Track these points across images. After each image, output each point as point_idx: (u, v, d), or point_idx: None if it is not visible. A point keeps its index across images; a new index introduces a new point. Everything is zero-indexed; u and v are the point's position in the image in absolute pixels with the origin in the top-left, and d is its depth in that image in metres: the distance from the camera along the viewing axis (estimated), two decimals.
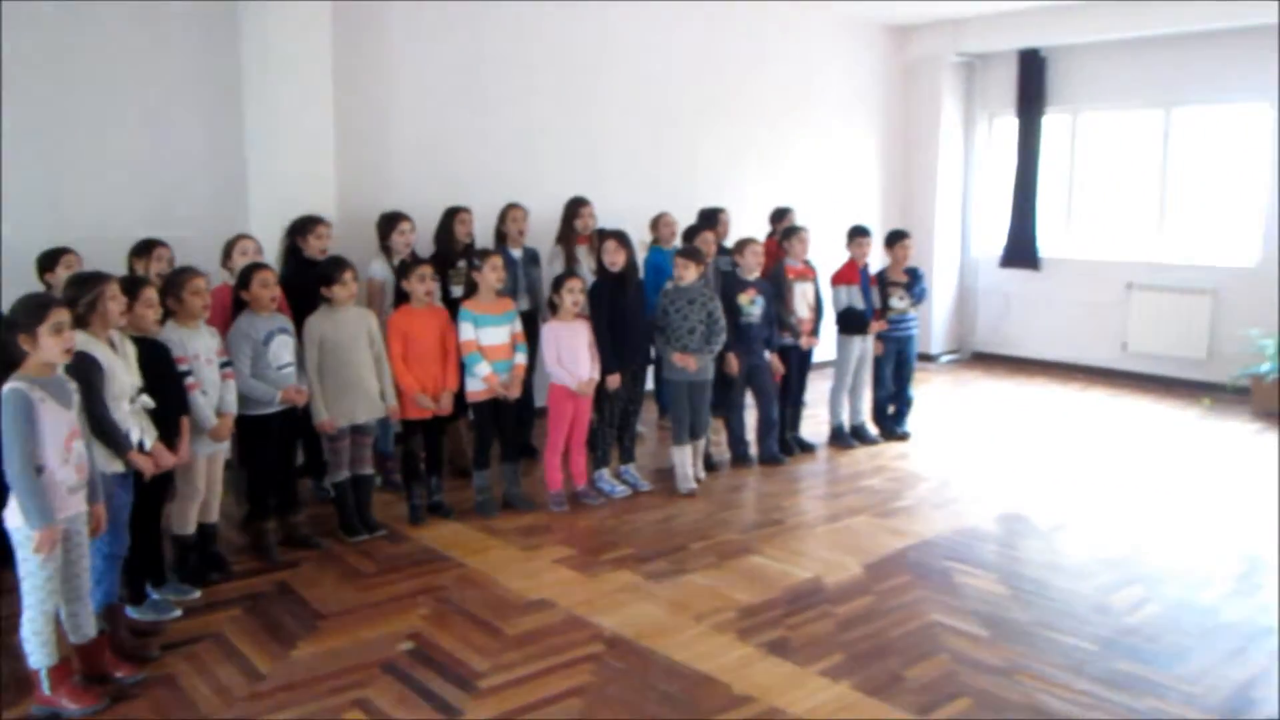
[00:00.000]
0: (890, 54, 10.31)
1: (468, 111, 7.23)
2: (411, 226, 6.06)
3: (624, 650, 4.02)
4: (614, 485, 6.03)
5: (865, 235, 6.98)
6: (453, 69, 7.14)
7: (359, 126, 6.67)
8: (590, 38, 7.85)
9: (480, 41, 7.25)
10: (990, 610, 4.39)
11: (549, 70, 7.63)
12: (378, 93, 6.81)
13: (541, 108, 7.61)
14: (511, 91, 7.43)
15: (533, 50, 7.53)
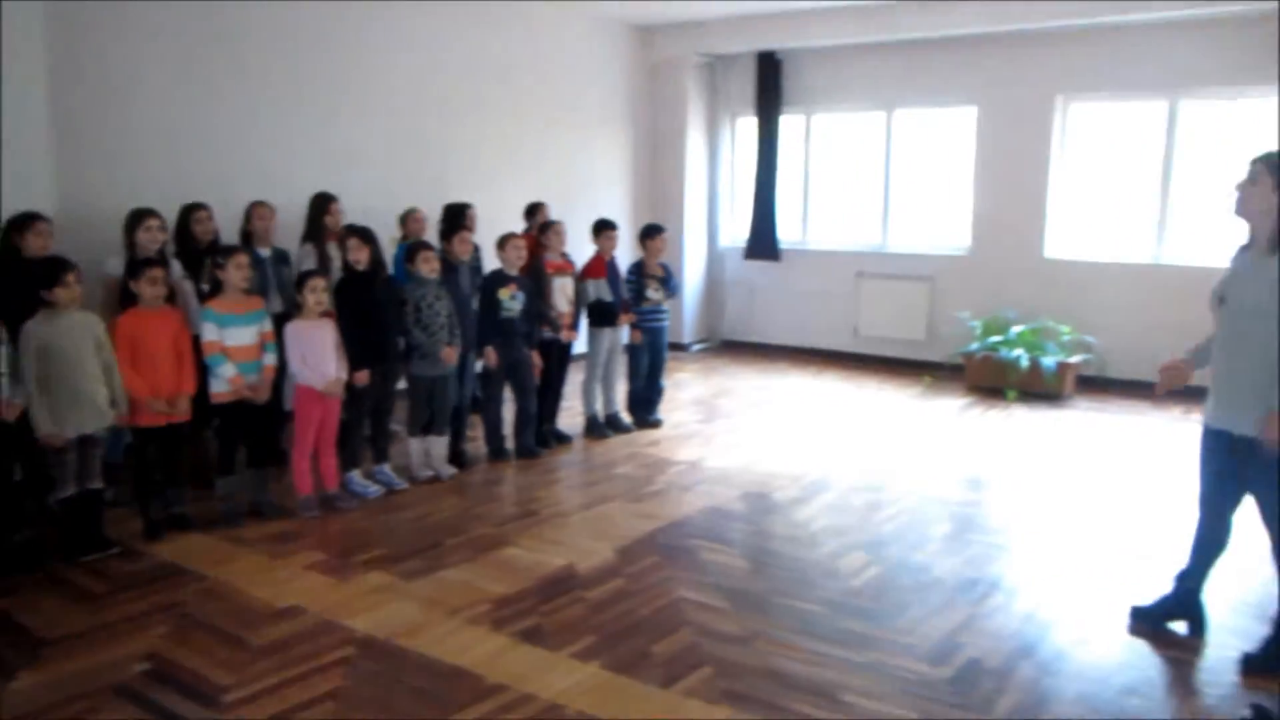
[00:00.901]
0: (637, 53, 10.62)
1: (210, 107, 6.87)
2: (160, 224, 5.73)
3: (377, 651, 3.99)
4: (367, 486, 5.94)
5: (611, 229, 7.19)
6: (195, 63, 6.77)
7: (85, 122, 6.23)
8: (338, 31, 7.64)
9: (224, 35, 6.91)
10: (732, 583, 4.65)
11: (297, 64, 7.39)
12: (108, 88, 6.35)
13: (289, 103, 7.35)
14: (257, 86, 7.14)
15: (279, 44, 7.26)
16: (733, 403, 8.41)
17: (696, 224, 10.97)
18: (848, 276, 10.09)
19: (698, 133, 10.88)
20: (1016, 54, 9.00)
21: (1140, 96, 8.66)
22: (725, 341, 11.15)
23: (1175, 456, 6.66)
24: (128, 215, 5.73)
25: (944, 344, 9.39)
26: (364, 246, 5.81)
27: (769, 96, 10.39)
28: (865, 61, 9.85)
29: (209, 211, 6.13)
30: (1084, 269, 8.88)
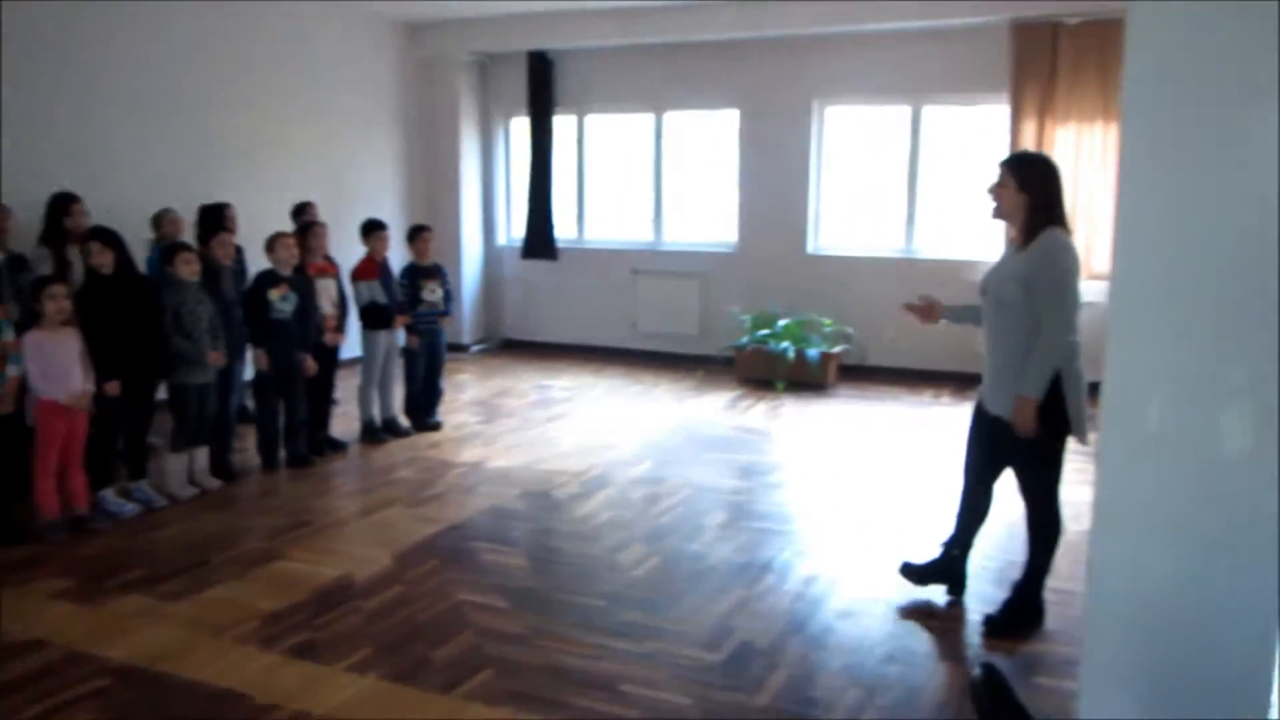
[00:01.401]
0: (406, 51, 10.39)
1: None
2: None
3: (135, 679, 3.74)
4: (122, 505, 5.56)
5: (382, 229, 7.03)
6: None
7: None
8: (85, 21, 7.08)
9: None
10: (513, 583, 4.65)
11: (37, 56, 6.78)
12: None
13: (28, 97, 6.73)
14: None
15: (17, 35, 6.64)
16: (514, 402, 8.40)
17: (472, 223, 10.87)
18: (624, 274, 10.27)
19: (471, 132, 10.78)
20: (775, 59, 9.41)
21: (887, 101, 9.24)
22: (505, 341, 11.11)
23: (930, 438, 7.16)
24: None
25: (716, 338, 9.72)
26: (106, 250, 5.44)
27: (541, 96, 10.41)
28: (634, 63, 10.04)
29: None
30: (843, 263, 9.40)
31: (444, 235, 10.19)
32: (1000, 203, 3.97)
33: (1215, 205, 2.30)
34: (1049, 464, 4.01)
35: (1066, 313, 3.79)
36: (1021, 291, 3.85)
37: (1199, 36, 2.27)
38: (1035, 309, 3.81)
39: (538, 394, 8.73)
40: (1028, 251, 3.88)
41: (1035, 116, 8.33)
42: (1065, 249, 3.83)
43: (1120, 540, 2.51)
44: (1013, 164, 3.96)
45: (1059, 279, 3.79)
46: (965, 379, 8.78)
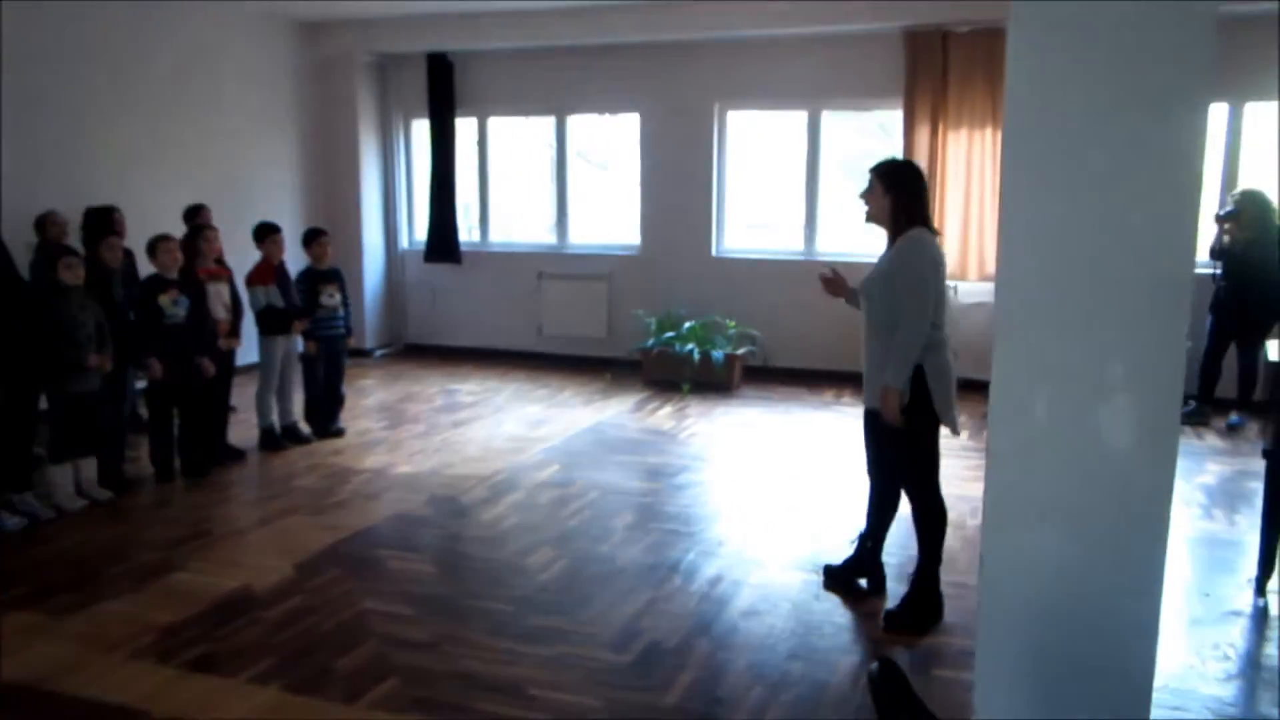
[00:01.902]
0: (301, 51, 10.18)
1: None
2: None
3: (23, 699, 3.61)
4: (6, 518, 5.33)
5: (276, 232, 6.89)
6: None
7: None
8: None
9: None
10: (420, 590, 4.60)
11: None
12: None
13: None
14: None
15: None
16: (418, 407, 8.31)
17: (374, 227, 10.70)
18: (529, 277, 10.23)
19: (370, 134, 10.62)
20: (676, 63, 9.49)
21: (787, 106, 9.42)
22: (409, 345, 10.97)
23: (832, 437, 7.31)
24: None
25: (623, 341, 9.75)
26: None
27: (442, 98, 10.31)
28: (536, 66, 10.01)
29: None
30: (746, 265, 9.53)
31: (345, 238, 10.04)
32: (870, 207, 4.21)
33: (1094, 206, 2.41)
34: (921, 454, 4.20)
35: (923, 306, 3.98)
36: (886, 288, 4.08)
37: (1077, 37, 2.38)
38: (896, 305, 4.03)
39: (443, 399, 8.64)
40: (892, 251, 4.13)
41: (929, 122, 8.57)
42: (922, 246, 4.05)
43: (1010, 533, 2.61)
44: (879, 170, 4.18)
45: (915, 274, 4.00)
46: None
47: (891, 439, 4.18)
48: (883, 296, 4.10)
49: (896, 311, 4.02)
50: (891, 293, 4.05)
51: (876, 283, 4.15)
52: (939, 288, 4.08)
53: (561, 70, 9.91)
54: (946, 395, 4.07)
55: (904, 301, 4.00)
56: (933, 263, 4.05)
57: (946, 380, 4.08)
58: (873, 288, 4.17)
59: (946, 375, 4.08)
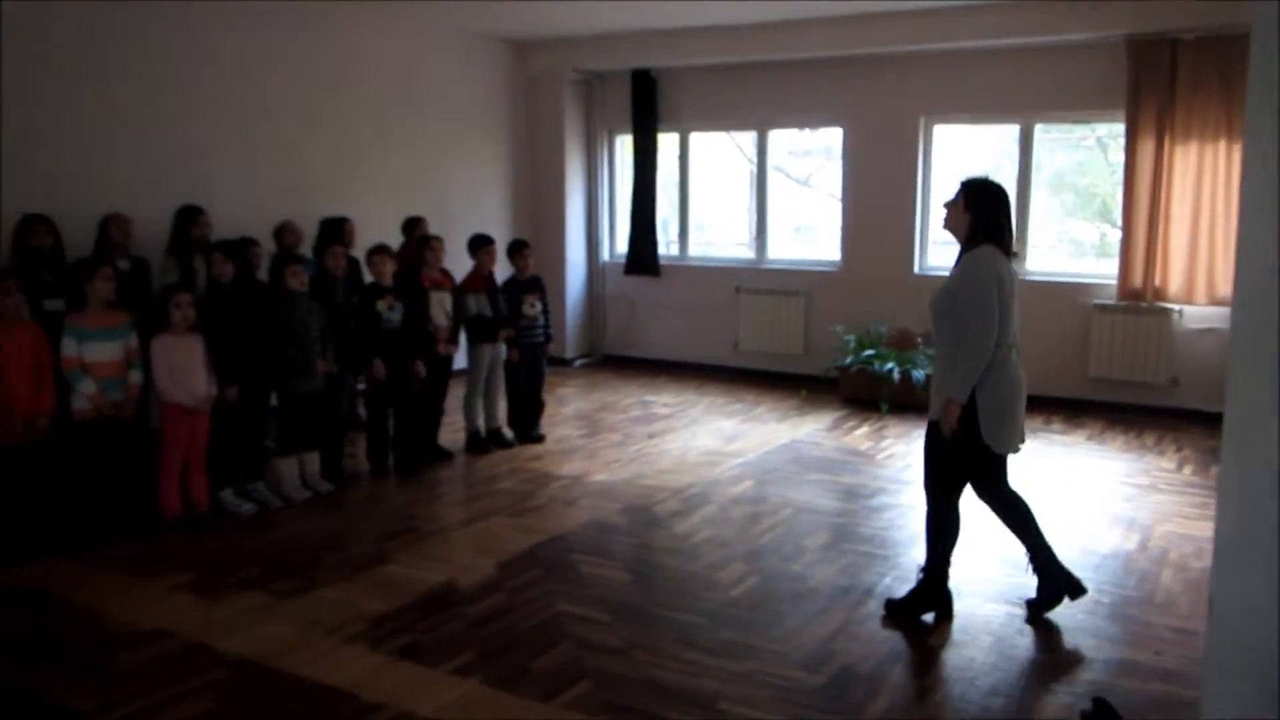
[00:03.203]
0: (513, 69, 10.61)
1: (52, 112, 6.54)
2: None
3: (250, 673, 3.89)
4: (240, 504, 5.79)
5: (489, 244, 7.19)
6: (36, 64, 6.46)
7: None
8: (203, 40, 7.41)
9: (63, 42, 6.58)
10: (613, 596, 4.68)
11: (149, 70, 7.11)
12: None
13: (145, 111, 7.07)
14: (105, 92, 6.82)
15: (132, 53, 6.98)
16: (615, 417, 8.47)
17: (576, 239, 11.01)
18: (726, 291, 10.26)
19: (576, 148, 10.94)
20: (880, 76, 9.32)
21: (997, 119, 9.08)
22: (607, 356, 11.20)
23: (1038, 465, 6.97)
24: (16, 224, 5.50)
25: (819, 357, 9.63)
26: (228, 261, 5.72)
27: (645, 114, 10.51)
28: (737, 81, 10.05)
29: (49, 224, 5.84)
30: None
31: (549, 250, 10.37)
32: (949, 217, 4.32)
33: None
34: (952, 465, 4.30)
35: (986, 321, 4.06)
36: (950, 303, 4.18)
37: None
38: (960, 320, 4.11)
39: (639, 410, 8.78)
40: (958, 266, 4.24)
41: (1153, 134, 8.05)
42: (986, 262, 4.12)
43: (1243, 576, 2.41)
44: (967, 185, 4.26)
45: (977, 290, 4.08)
46: (1079, 405, 8.55)
47: (935, 445, 4.30)
48: (947, 312, 4.18)
49: (960, 326, 4.11)
50: (955, 308, 4.14)
51: (942, 298, 4.23)
52: (1005, 304, 4.13)
53: (763, 85, 9.91)
54: (999, 414, 4.16)
55: (966, 316, 4.08)
56: (996, 278, 4.09)
57: (1000, 398, 4.16)
58: (938, 303, 4.25)
59: (1000, 393, 4.16)
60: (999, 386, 4.15)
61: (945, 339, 4.21)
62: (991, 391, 4.13)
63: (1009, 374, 4.18)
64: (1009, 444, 4.24)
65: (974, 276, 4.11)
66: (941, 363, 4.26)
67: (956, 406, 4.11)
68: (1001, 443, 4.20)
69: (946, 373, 4.19)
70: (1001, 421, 4.17)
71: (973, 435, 4.16)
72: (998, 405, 4.15)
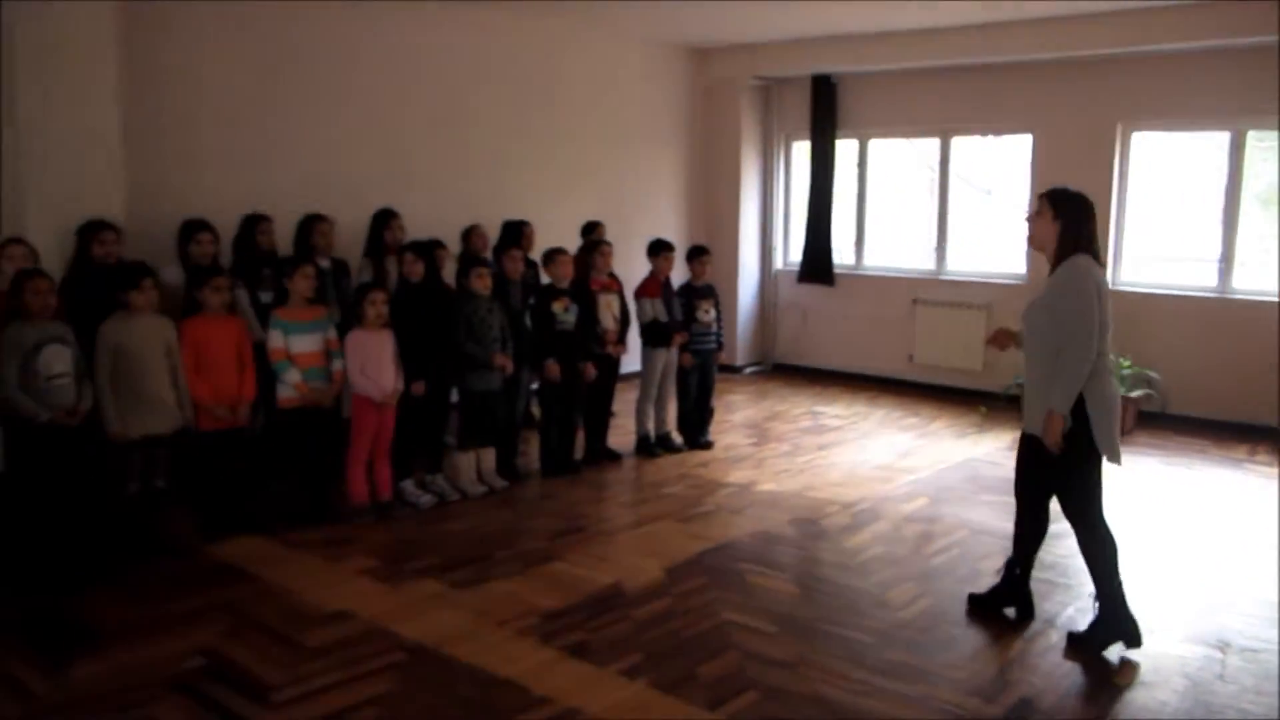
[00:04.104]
0: (691, 75, 10.67)
1: (271, 119, 7.05)
2: (211, 237, 5.90)
3: (425, 658, 4.03)
4: (420, 496, 6.01)
5: (668, 250, 7.23)
6: (257, 75, 6.96)
7: (155, 130, 6.40)
8: (396, 48, 7.79)
9: (285, 49, 7.09)
10: (780, 608, 4.63)
11: (353, 80, 7.53)
12: (178, 96, 6.56)
13: (346, 118, 7.49)
14: (316, 100, 7.30)
15: (337, 59, 7.41)
16: (785, 427, 8.38)
17: (750, 246, 10.96)
18: (903, 302, 10.01)
19: (752, 154, 10.89)
20: (1075, 81, 8.89)
21: (1202, 127, 8.52)
22: (777, 365, 11.11)
23: (1239, 500, 6.51)
24: (180, 226, 5.89)
25: (1001, 374, 9.25)
26: (419, 260, 5.95)
27: (824, 120, 10.36)
28: (921, 86, 9.79)
29: (270, 223, 6.27)
30: (1146, 300, 8.71)
31: (722, 257, 10.35)
32: (1034, 231, 4.28)
33: None
34: (1080, 482, 4.21)
35: (1088, 330, 4.01)
36: (1048, 315, 4.13)
37: None
38: (1059, 331, 4.06)
39: (810, 420, 8.66)
40: (1054, 277, 4.18)
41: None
42: (1085, 271, 4.07)
43: None
44: (1051, 196, 4.24)
45: (1079, 300, 4.03)
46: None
47: (1052, 466, 4.19)
48: (1046, 324, 4.14)
49: (1059, 338, 4.06)
50: (1054, 319, 4.09)
51: (1038, 310, 4.20)
52: (1104, 314, 4.08)
53: (947, 90, 9.63)
54: (1108, 424, 4.10)
55: (1068, 326, 4.03)
56: (1096, 288, 4.06)
57: (1109, 408, 4.11)
58: (1035, 316, 4.22)
59: (1109, 403, 4.11)
60: (1106, 395, 4.12)
61: (1043, 352, 4.17)
62: (1100, 401, 4.09)
63: (1112, 383, 4.18)
64: (1118, 451, 4.18)
65: (1077, 288, 4.06)
66: (1037, 376, 4.22)
67: (1060, 419, 4.05)
68: (1114, 451, 4.15)
69: (1044, 386, 4.13)
70: (1112, 429, 4.12)
71: (1084, 446, 4.11)
72: (1107, 413, 4.11)
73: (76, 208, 5.62)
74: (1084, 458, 4.15)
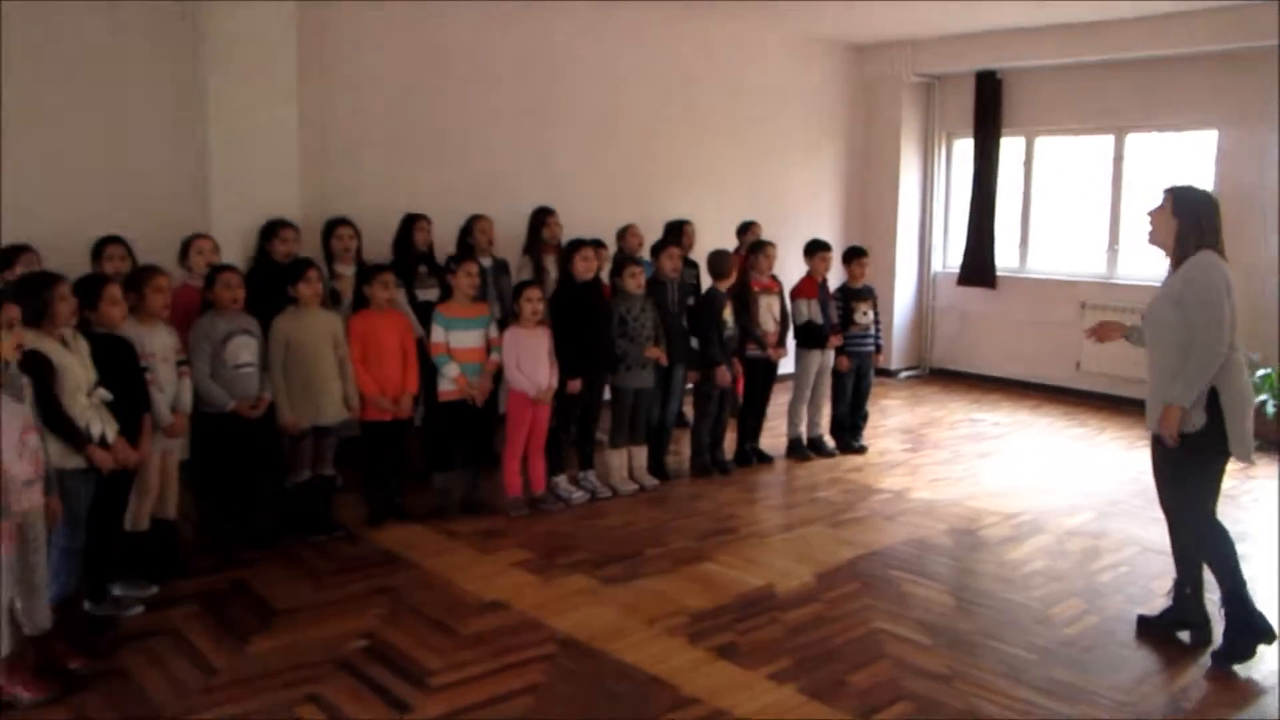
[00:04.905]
0: (850, 72, 10.48)
1: (430, 119, 7.31)
2: (352, 233, 6.11)
3: (576, 652, 4.09)
4: (571, 491, 6.10)
5: (826, 250, 7.12)
6: (415, 76, 7.22)
7: (322, 131, 6.70)
8: (552, 48, 7.94)
9: (443, 49, 7.33)
10: (934, 619, 4.50)
11: (511, 80, 7.72)
12: (340, 98, 6.86)
13: (503, 117, 7.68)
14: (474, 100, 7.52)
15: (496, 60, 7.62)
16: (941, 433, 8.15)
17: (908, 247, 10.70)
18: (1070, 307, 9.56)
19: (911, 154, 10.62)
20: (1270, 73, 8.31)
21: None
22: (934, 370, 10.81)
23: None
24: (324, 225, 6.12)
25: None
26: (594, 259, 6.02)
27: (988, 117, 10.01)
28: (1093, 81, 9.33)
29: (429, 222, 6.46)
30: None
31: (878, 258, 10.10)
32: (1155, 227, 4.21)
33: None
34: (1201, 480, 4.12)
35: (1219, 323, 3.93)
36: (1174, 310, 4.04)
37: None
38: (1187, 326, 3.97)
39: (968, 427, 8.39)
40: (1179, 272, 4.08)
41: None
42: (1213, 267, 4.00)
43: None
44: (1174, 191, 4.17)
45: (1208, 293, 3.95)
46: None
47: (1172, 462, 4.13)
48: (1172, 318, 4.05)
49: (1186, 333, 3.98)
50: (1180, 314, 4.01)
51: (1162, 306, 4.11)
52: (1233, 309, 3.99)
53: (1121, 85, 9.15)
54: (1242, 422, 4.00)
55: (1198, 319, 3.95)
56: (1225, 282, 3.99)
57: (1244, 405, 4.01)
58: (1159, 313, 4.13)
59: (1243, 399, 4.02)
60: (1239, 391, 4.03)
61: (1168, 348, 4.08)
62: (1234, 396, 4.00)
63: (1244, 376, 4.07)
64: (1249, 450, 4.05)
65: (1206, 281, 3.99)
66: (1159, 372, 4.13)
67: (1178, 411, 3.99)
68: (1245, 449, 4.03)
69: (1166, 381, 4.06)
70: (1245, 425, 4.03)
71: (1214, 442, 4.02)
72: (1241, 409, 4.01)
73: (257, 205, 5.96)
74: (1211, 453, 4.07)
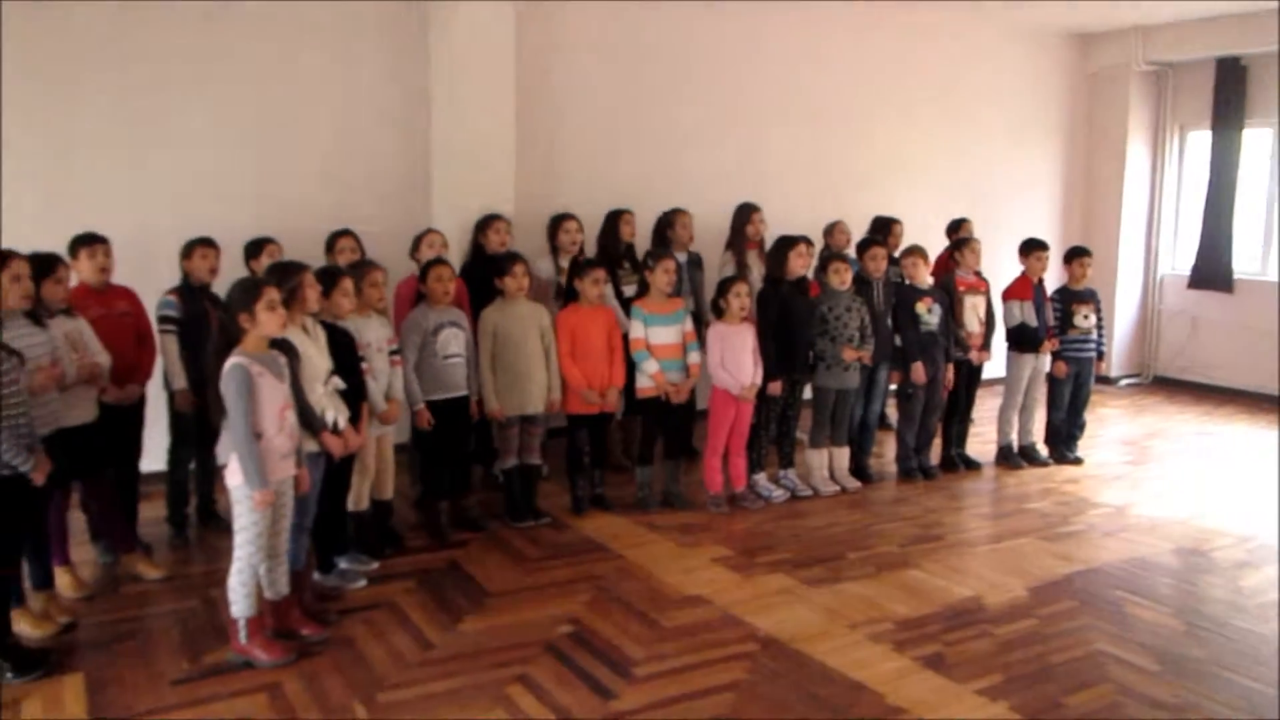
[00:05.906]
0: (1073, 63, 9.93)
1: (632, 116, 7.44)
2: (578, 226, 6.26)
3: (777, 652, 4.06)
4: (771, 489, 6.06)
5: (1043, 250, 6.78)
6: (618, 73, 7.36)
7: (533, 128, 6.90)
8: (756, 45, 7.91)
9: (645, 46, 7.44)
10: (1162, 644, 4.21)
11: (710, 76, 7.76)
12: (549, 95, 7.05)
13: (702, 114, 7.74)
14: (674, 97, 7.60)
15: (695, 57, 7.68)
16: (1167, 446, 7.63)
17: (1133, 247, 10.05)
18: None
19: (1139, 148, 9.96)
20: None
21: None
22: (1158, 378, 10.13)
23: None
24: (550, 219, 6.27)
25: None
26: (808, 255, 5.97)
27: (1229, 107, 9.28)
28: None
29: (634, 216, 6.56)
30: None
31: (1099, 258, 9.49)
32: None
33: None
34: None
35: None
36: None
37: None
38: None
39: (1197, 441, 7.82)
40: None
41: None
42: None
43: None
44: None
45: None
46: None
47: None
48: None
49: None
50: None
51: None
52: None
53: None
54: None
55: None
56: None
57: None
58: None
59: None
60: None
61: None
62: None
63: None
64: None
65: None
66: None
67: None
68: None
69: None
70: None
71: None
72: None
73: (476, 200, 6.20)
74: None
